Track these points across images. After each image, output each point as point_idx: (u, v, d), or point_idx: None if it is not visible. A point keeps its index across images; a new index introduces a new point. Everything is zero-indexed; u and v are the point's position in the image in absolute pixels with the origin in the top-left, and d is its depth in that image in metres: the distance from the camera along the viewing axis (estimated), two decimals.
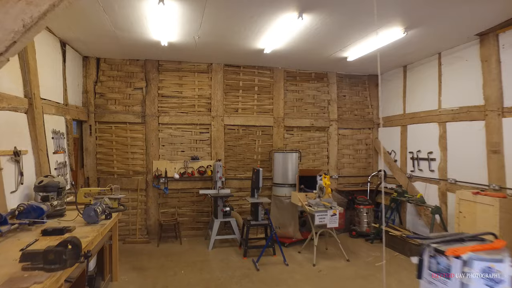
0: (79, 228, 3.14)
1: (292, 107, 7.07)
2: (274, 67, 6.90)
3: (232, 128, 6.72)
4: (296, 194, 5.77)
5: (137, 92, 6.28)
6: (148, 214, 6.31)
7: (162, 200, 6.39)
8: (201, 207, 6.58)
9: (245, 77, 6.77)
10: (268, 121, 6.86)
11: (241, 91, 6.76)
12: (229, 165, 6.67)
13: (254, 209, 5.54)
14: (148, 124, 6.28)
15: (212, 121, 6.56)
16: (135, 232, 6.18)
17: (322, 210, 5.22)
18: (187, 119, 6.45)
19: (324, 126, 7.22)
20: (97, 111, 6.09)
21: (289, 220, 6.14)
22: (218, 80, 6.59)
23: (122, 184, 6.17)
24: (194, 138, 6.53)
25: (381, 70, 7.23)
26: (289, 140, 7.06)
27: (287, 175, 6.18)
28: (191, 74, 6.51)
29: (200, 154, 6.53)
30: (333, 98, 7.28)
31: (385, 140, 7.37)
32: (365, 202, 6.69)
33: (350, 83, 7.48)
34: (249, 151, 6.82)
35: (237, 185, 6.73)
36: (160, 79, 6.36)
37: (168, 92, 6.41)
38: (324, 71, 7.24)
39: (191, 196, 6.53)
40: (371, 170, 7.59)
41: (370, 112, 7.58)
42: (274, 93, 6.90)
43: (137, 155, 6.28)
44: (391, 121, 7.12)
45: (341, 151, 7.39)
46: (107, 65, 6.16)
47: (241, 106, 6.76)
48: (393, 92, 7.11)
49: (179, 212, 6.47)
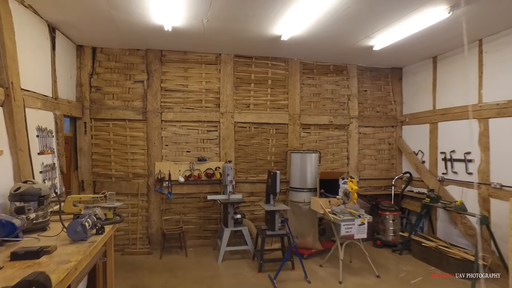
0: (62, 247, 2.48)
1: (308, 103, 6.40)
2: (289, 59, 6.23)
3: (243, 126, 6.05)
4: (317, 200, 5.09)
5: (137, 85, 5.63)
6: (150, 222, 5.66)
7: (165, 206, 5.73)
8: (208, 214, 5.92)
9: (258, 69, 6.11)
10: (282, 118, 6.19)
11: (253, 85, 6.09)
12: (239, 167, 6.01)
13: (270, 218, 4.87)
14: (150, 122, 5.63)
15: (221, 118, 5.90)
16: (135, 241, 5.53)
17: (349, 219, 4.54)
18: (193, 115, 5.80)
19: (343, 123, 6.55)
20: (93, 107, 5.44)
21: (308, 229, 5.46)
22: (227, 73, 5.93)
23: (120, 188, 5.52)
24: (201, 137, 5.87)
25: (406, 62, 6.55)
26: (306, 139, 6.39)
27: (305, 178, 5.50)
28: (198, 66, 5.85)
29: (208, 155, 5.87)
30: (354, 93, 6.61)
31: (410, 139, 6.69)
32: (391, 208, 6.01)
33: (372, 77, 6.80)
34: (262, 151, 6.16)
35: (248, 189, 6.06)
36: (163, 71, 5.71)
37: (172, 86, 5.75)
38: (344, 63, 6.56)
39: (197, 201, 5.87)
40: (394, 172, 6.91)
41: (393, 108, 6.90)
42: (290, 87, 6.23)
43: (137, 156, 5.63)
44: (418, 118, 6.44)
45: (362, 151, 6.71)
46: (104, 55, 5.51)
47: (253, 102, 6.09)
48: (420, 86, 6.42)
49: (184, 219, 5.82)
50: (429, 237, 5.52)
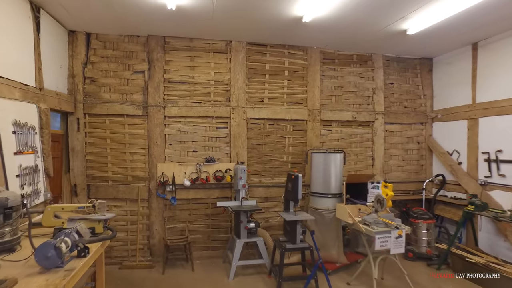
0: (25, 280, 1.83)
1: (329, 97, 5.69)
2: (308, 47, 5.53)
3: (256, 123, 5.37)
4: (344, 207, 4.39)
5: (137, 76, 4.98)
6: (152, 231, 5.00)
7: (169, 213, 5.07)
8: (218, 222, 5.24)
9: (273, 58, 5.42)
10: (301, 114, 5.50)
11: (267, 76, 5.40)
12: (252, 169, 5.32)
13: (290, 228, 4.18)
14: (151, 117, 4.97)
15: (231, 113, 5.22)
16: (135, 253, 4.86)
17: (384, 231, 3.84)
18: (201, 110, 5.13)
19: (368, 120, 5.83)
20: (87, 101, 4.79)
21: (333, 240, 4.76)
22: (239, 62, 5.25)
23: (118, 193, 4.87)
24: (209, 135, 5.20)
25: (438, 51, 5.81)
26: (326, 137, 5.68)
27: (329, 182, 4.79)
28: (206, 55, 5.18)
29: (217, 155, 5.20)
30: (379, 86, 5.89)
31: (443, 137, 5.95)
32: (424, 215, 5.28)
33: (399, 68, 6.07)
34: (278, 151, 5.46)
35: (262, 194, 5.38)
36: (167, 60, 5.05)
37: (176, 77, 5.09)
38: (368, 53, 5.85)
39: (205, 208, 5.19)
40: (424, 175, 6.18)
41: (423, 103, 6.17)
42: (308, 79, 5.53)
43: (137, 156, 4.97)
44: (453, 113, 5.70)
45: (388, 151, 5.98)
46: (99, 42, 4.86)
47: (268, 95, 5.40)
48: (455, 78, 5.68)
49: (190, 228, 5.14)
50: (471, 250, 4.78)
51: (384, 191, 4.07)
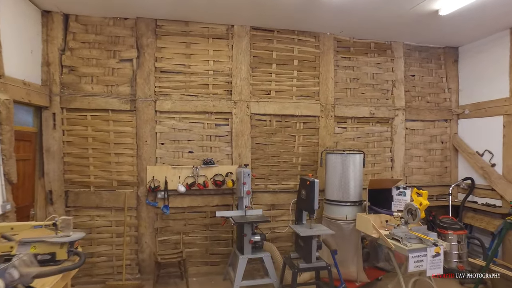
0: None
1: (344, 90, 5.01)
2: (320, 33, 4.85)
3: (261, 119, 4.69)
4: (366, 218, 3.71)
5: (124, 65, 4.29)
6: (141, 244, 4.31)
7: (161, 223, 4.38)
8: (217, 233, 4.56)
9: (281, 46, 4.74)
10: (312, 109, 4.82)
11: (274, 66, 4.72)
12: (257, 172, 4.64)
13: (304, 244, 3.49)
14: (141, 113, 4.29)
15: (233, 108, 4.54)
16: (121, 270, 4.18)
17: (419, 248, 3.16)
18: (198, 105, 4.45)
19: (387, 117, 5.15)
20: (65, 93, 4.11)
21: (351, 256, 4.08)
22: (242, 50, 4.57)
23: (102, 201, 4.18)
24: (207, 133, 4.52)
25: (468, 38, 5.13)
26: (341, 136, 5.00)
27: (347, 187, 4.11)
28: (204, 41, 4.50)
29: (217, 157, 4.52)
30: (399, 78, 5.21)
31: (472, 136, 5.28)
32: (454, 225, 4.59)
33: (421, 59, 5.40)
34: (286, 151, 4.78)
35: (268, 201, 4.70)
36: (158, 46, 4.37)
37: (169, 66, 4.41)
38: (388, 41, 5.17)
39: (202, 217, 4.51)
40: (448, 178, 5.51)
41: (447, 98, 5.49)
42: (321, 69, 4.85)
43: (124, 158, 4.29)
44: (484, 109, 5.02)
45: (409, 152, 5.31)
46: (80, 25, 4.18)
47: (275, 87, 4.73)
48: (487, 68, 5.00)
49: (185, 240, 4.46)
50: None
51: (417, 199, 3.40)
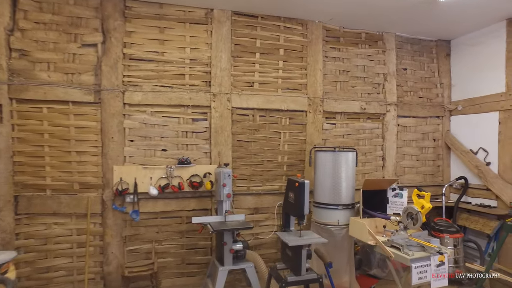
0: None
1: (333, 83, 4.64)
2: (308, 21, 4.46)
3: (244, 114, 4.24)
4: (361, 223, 3.33)
5: (87, 50, 3.75)
6: (106, 255, 3.78)
7: (130, 230, 3.86)
8: (194, 241, 4.08)
9: (265, 33, 4.31)
10: (299, 103, 4.41)
11: (258, 56, 4.29)
12: (239, 172, 4.20)
13: (292, 254, 3.07)
14: (106, 105, 3.76)
15: (212, 101, 4.08)
16: (83, 285, 3.64)
17: (423, 257, 2.81)
18: (172, 97, 3.96)
19: (378, 112, 4.82)
20: (14, 81, 3.52)
21: (344, 264, 3.70)
22: (222, 37, 4.11)
23: (60, 206, 3.63)
24: (183, 129, 4.04)
25: (462, 30, 4.87)
26: (330, 132, 4.63)
27: (339, 189, 3.73)
28: (180, 26, 4.02)
29: (193, 155, 4.05)
30: (391, 71, 4.89)
31: (464, 133, 5.03)
32: (450, 228, 4.31)
33: (413, 52, 5.11)
34: (270, 149, 4.36)
35: (251, 204, 4.26)
36: (128, 30, 3.85)
37: (140, 53, 3.90)
38: (379, 31, 4.84)
39: (178, 223, 4.03)
40: (440, 177, 5.24)
41: (439, 93, 5.22)
42: (309, 60, 4.46)
43: (86, 157, 3.75)
44: (478, 104, 4.77)
45: (401, 150, 5.00)
46: (33, 2, 3.60)
47: (259, 79, 4.29)
48: (482, 62, 4.75)
49: (158, 249, 3.96)
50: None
51: (418, 202, 3.05)
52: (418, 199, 3.07)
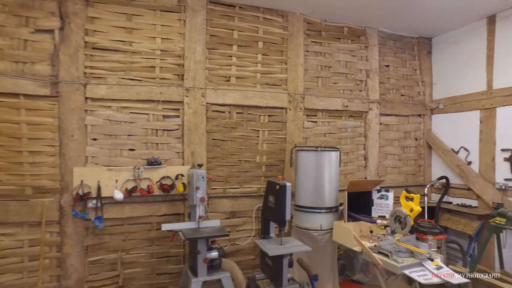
0: None
1: (315, 79, 4.42)
2: (289, 13, 4.21)
3: (219, 110, 3.94)
4: (345, 228, 3.11)
5: (42, 37, 3.32)
6: (65, 268, 3.36)
7: (93, 239, 3.47)
8: (165, 249, 3.74)
9: (243, 24, 4.02)
10: (279, 100, 4.16)
11: (235, 48, 4.00)
12: (214, 174, 3.89)
13: (273, 264, 2.80)
14: (65, 99, 3.34)
15: (185, 96, 3.74)
16: None
17: (413, 264, 2.62)
18: (141, 92, 3.60)
19: (361, 110, 4.65)
20: None
21: (327, 272, 3.47)
22: (197, 27, 3.79)
23: (8, 214, 3.19)
24: (153, 127, 3.68)
25: (443, 27, 4.78)
26: (311, 131, 4.40)
27: (322, 191, 3.49)
28: (150, 13, 3.66)
29: (164, 155, 3.70)
30: (374, 68, 4.73)
31: (446, 132, 4.95)
32: (433, 229, 4.17)
33: (395, 48, 4.98)
34: (248, 149, 4.08)
35: (228, 208, 3.96)
36: (90, 16, 3.45)
37: (105, 42, 3.51)
38: (362, 26, 4.67)
39: (147, 230, 3.67)
40: (422, 177, 5.15)
41: (421, 91, 5.12)
42: (289, 53, 4.21)
43: (41, 158, 3.32)
44: (460, 103, 4.70)
45: (383, 149, 4.85)
46: None
47: (236, 73, 4.00)
48: (464, 60, 4.68)
49: (125, 259, 3.58)
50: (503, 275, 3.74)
51: (407, 204, 2.86)
52: (406, 201, 2.89)
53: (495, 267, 4.11)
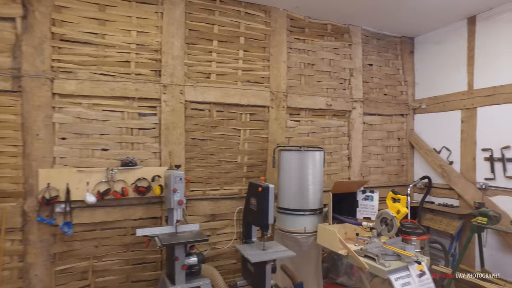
0: None
1: (298, 77, 4.31)
2: (272, 8, 4.07)
3: (199, 108, 3.75)
4: (329, 230, 3.00)
5: (2, 25, 3.04)
6: (28, 279, 3.09)
7: (61, 247, 3.21)
8: (141, 255, 3.52)
9: (224, 19, 3.85)
10: (261, 98, 4.01)
11: (216, 43, 3.82)
12: (193, 175, 3.71)
13: (255, 270, 2.65)
14: (30, 95, 3.08)
15: (163, 93, 3.54)
16: None
17: (400, 267, 2.53)
18: (115, 88, 3.37)
19: (344, 109, 4.58)
20: None
21: (311, 276, 3.35)
22: (175, 20, 3.59)
23: None
24: (128, 125, 3.46)
25: (424, 27, 4.78)
26: (294, 130, 4.29)
27: (306, 192, 3.37)
28: (124, 4, 3.43)
29: (140, 156, 3.48)
30: (358, 66, 4.67)
31: (428, 132, 4.95)
32: (417, 229, 4.12)
33: (378, 47, 4.93)
34: (229, 149, 3.91)
35: (207, 210, 3.78)
36: (57, 5, 3.19)
37: (74, 33, 3.25)
38: (346, 23, 4.59)
39: (121, 235, 3.44)
40: (404, 177, 5.14)
41: (403, 91, 5.11)
42: (272, 50, 4.08)
43: (2, 159, 3.03)
44: (442, 103, 4.70)
45: (366, 149, 4.80)
46: None
47: (216, 70, 3.82)
48: (445, 60, 4.68)
49: (97, 266, 3.35)
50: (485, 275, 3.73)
51: (393, 206, 2.78)
52: (393, 203, 2.81)
53: (475, 265, 4.13)
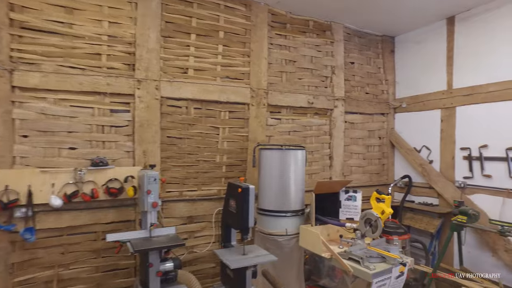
0: None
1: (279, 73, 4.19)
2: (252, 2, 3.93)
3: (176, 105, 3.56)
4: (312, 232, 2.89)
5: None
6: None
7: (22, 255, 2.94)
8: (113, 261, 3.30)
9: (203, 11, 3.67)
10: (241, 95, 3.86)
11: (194, 37, 3.64)
12: (169, 175, 3.51)
13: (234, 276, 2.50)
14: None
15: (137, 89, 3.33)
16: None
17: (385, 270, 2.45)
18: (84, 82, 3.13)
19: (326, 107, 4.50)
20: None
21: (293, 280, 3.24)
22: (150, 11, 3.38)
23: None
24: (98, 122, 3.22)
25: (404, 27, 4.78)
26: (274, 129, 4.16)
27: (287, 193, 3.25)
28: None
29: (112, 155, 3.26)
30: (339, 64, 4.60)
31: (409, 131, 4.96)
32: (398, 229, 4.09)
33: (360, 45, 4.89)
34: (207, 147, 3.74)
35: (184, 212, 3.60)
36: None
37: (38, 21, 2.99)
38: (328, 20, 4.51)
39: (91, 240, 3.21)
40: (385, 176, 5.13)
41: (384, 90, 5.10)
42: (252, 45, 3.93)
43: None
44: (422, 102, 4.72)
45: (348, 148, 4.75)
46: None
47: (194, 65, 3.64)
48: (425, 60, 4.70)
49: (63, 275, 3.10)
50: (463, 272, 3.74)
51: (378, 206, 2.69)
52: (377, 203, 2.73)
53: (453, 263, 4.16)
